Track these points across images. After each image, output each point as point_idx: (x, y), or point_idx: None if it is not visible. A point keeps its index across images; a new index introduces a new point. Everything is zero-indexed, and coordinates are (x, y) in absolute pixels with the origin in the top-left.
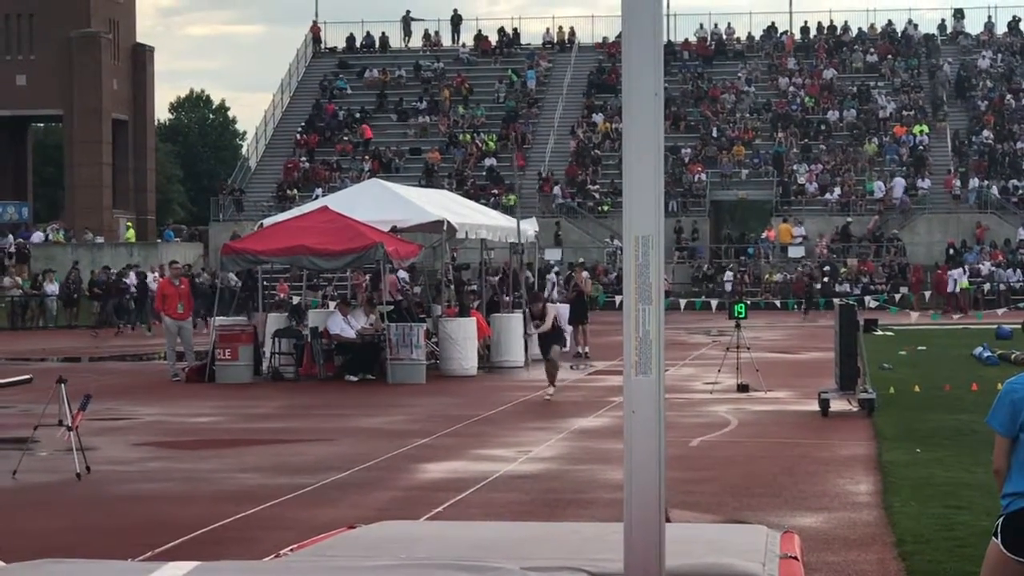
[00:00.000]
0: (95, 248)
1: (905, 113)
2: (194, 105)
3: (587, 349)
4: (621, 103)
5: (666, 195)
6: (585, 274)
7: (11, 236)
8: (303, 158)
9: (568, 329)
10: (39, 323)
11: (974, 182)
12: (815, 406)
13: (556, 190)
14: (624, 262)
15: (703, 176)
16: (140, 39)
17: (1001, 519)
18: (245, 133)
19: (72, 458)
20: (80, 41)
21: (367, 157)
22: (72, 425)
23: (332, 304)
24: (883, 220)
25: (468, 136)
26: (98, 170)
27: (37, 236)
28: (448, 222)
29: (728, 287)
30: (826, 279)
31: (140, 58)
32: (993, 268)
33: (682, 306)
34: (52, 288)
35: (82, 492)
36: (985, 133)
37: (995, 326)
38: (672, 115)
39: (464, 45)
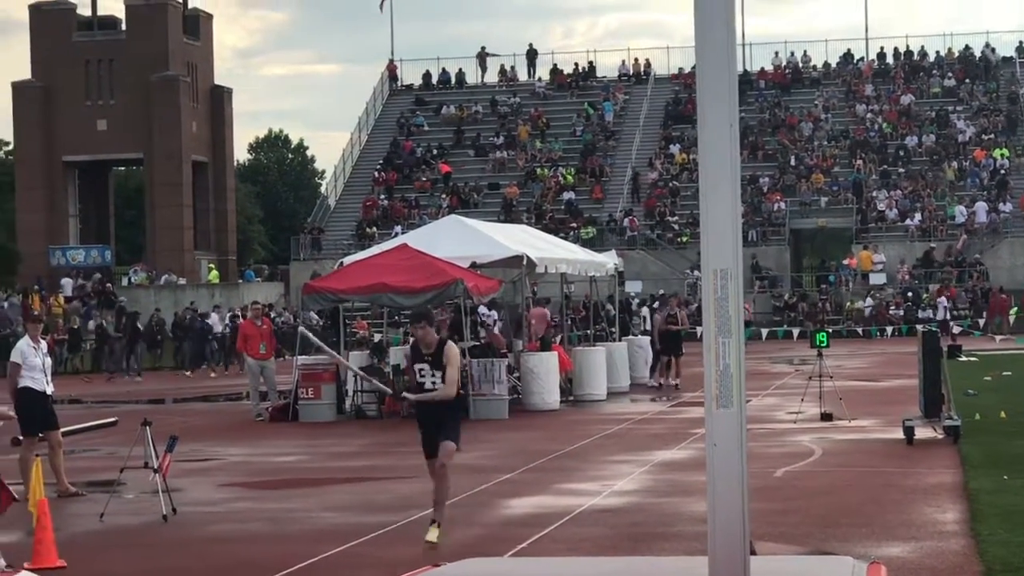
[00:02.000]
0: (177, 290)
1: (985, 137)
2: (273, 145)
3: (677, 381)
4: (697, 134)
5: (745, 224)
6: (682, 309)
7: (94, 279)
8: (382, 196)
9: (652, 360)
10: (122, 365)
11: None
12: (900, 434)
13: (629, 222)
14: (703, 295)
15: (782, 205)
16: (218, 81)
17: None
18: (324, 172)
19: (158, 500)
20: (159, 85)
21: (445, 193)
22: (159, 468)
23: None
24: (967, 244)
25: (546, 170)
26: (179, 212)
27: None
28: (527, 257)
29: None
30: (909, 305)
31: (219, 100)
32: None
33: (763, 335)
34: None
35: (169, 534)
36: None
37: None
38: (750, 144)
39: (540, 79)
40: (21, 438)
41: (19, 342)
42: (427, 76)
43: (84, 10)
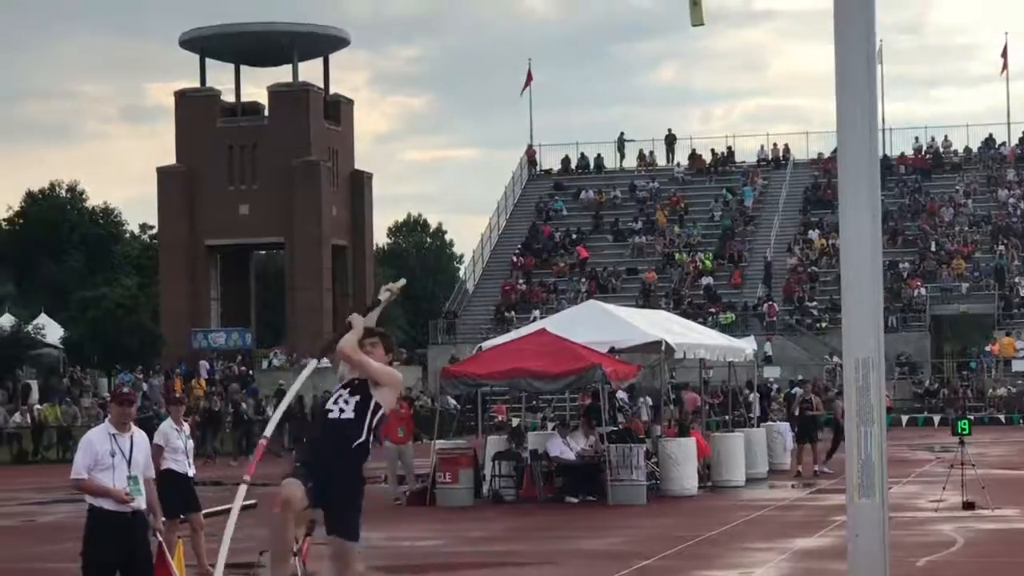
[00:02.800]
0: (316, 373)
1: None
2: (412, 229)
3: (816, 467)
4: (838, 219)
5: (885, 310)
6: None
7: (235, 361)
8: (520, 280)
9: (791, 447)
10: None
11: None
12: None
13: (768, 307)
14: (845, 385)
15: (922, 291)
16: (358, 166)
17: None
18: (463, 256)
19: None
20: (301, 170)
21: (584, 278)
22: (298, 551)
23: (551, 426)
24: None
25: (684, 255)
26: (318, 296)
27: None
28: (666, 342)
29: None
30: None
31: (359, 184)
32: None
33: (904, 422)
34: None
35: None
36: None
37: None
38: (890, 229)
39: (679, 164)
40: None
41: (162, 424)
42: (566, 161)
43: (228, 96)
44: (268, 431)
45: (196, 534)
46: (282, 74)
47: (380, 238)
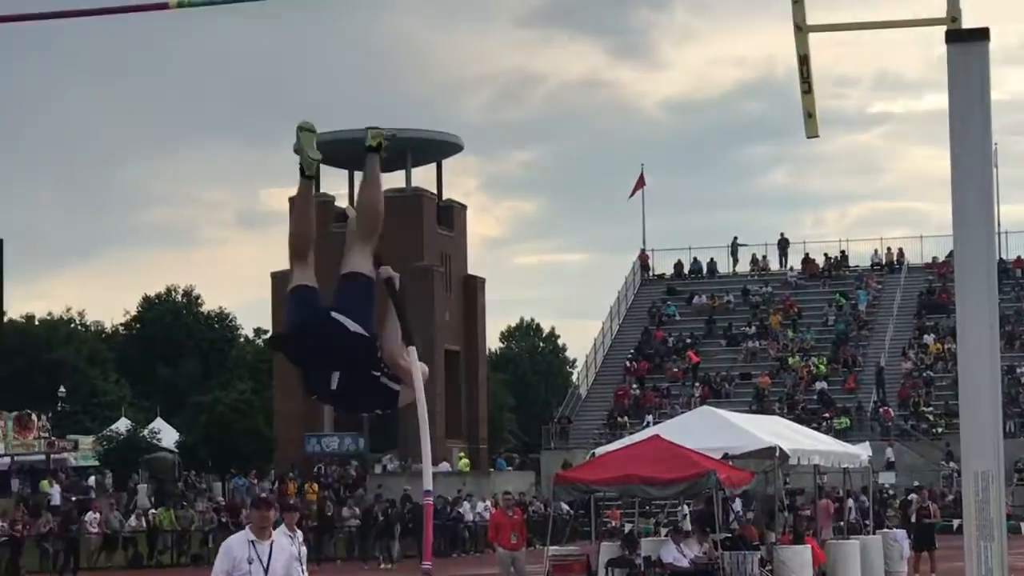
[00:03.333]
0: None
1: None
2: (524, 333)
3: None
4: (952, 324)
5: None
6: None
7: (349, 466)
8: (633, 385)
9: (908, 554)
10: (375, 551)
11: None
12: None
13: (883, 412)
14: (963, 497)
15: None
16: (471, 270)
17: None
18: (575, 361)
19: None
20: (414, 275)
21: (697, 383)
22: None
23: (664, 532)
24: None
25: (798, 359)
26: (431, 400)
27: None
28: (780, 448)
29: None
30: None
31: (472, 289)
32: None
33: (1023, 530)
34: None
35: None
36: None
37: None
38: (1006, 334)
39: (792, 269)
40: None
41: (275, 531)
42: (679, 265)
43: (342, 202)
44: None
45: None
46: (395, 179)
47: (492, 342)
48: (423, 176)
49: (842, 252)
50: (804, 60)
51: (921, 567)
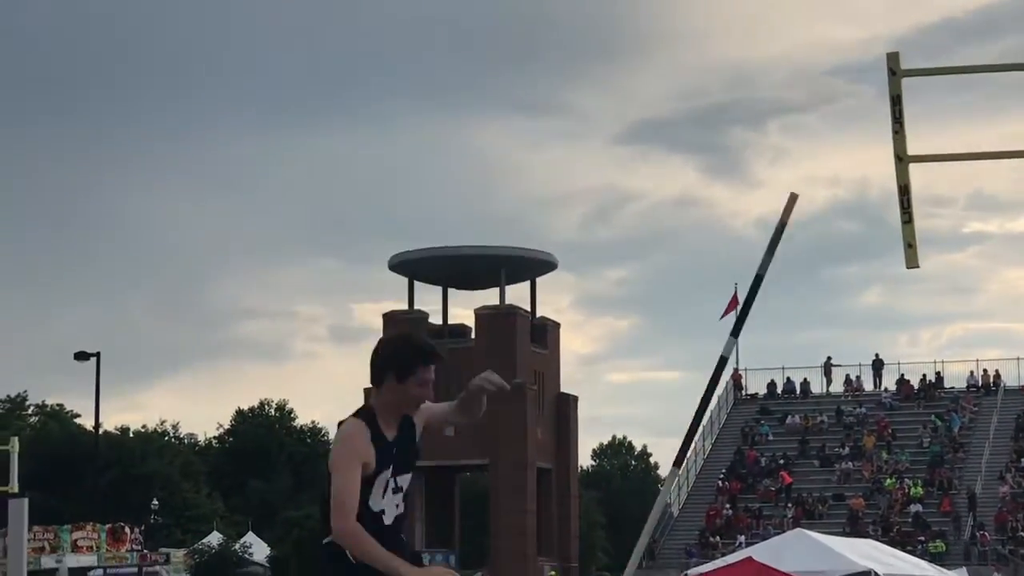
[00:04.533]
0: None
1: None
2: (616, 451)
3: None
4: None
5: None
6: None
7: None
8: (726, 505)
9: None
10: None
11: None
12: None
13: (980, 537)
14: None
15: None
16: (564, 388)
17: None
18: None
19: None
20: (507, 393)
21: (790, 503)
22: None
23: None
24: None
25: (892, 481)
26: (522, 518)
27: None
28: (875, 572)
29: None
30: None
31: (564, 407)
32: None
33: None
34: None
35: None
36: None
37: None
38: None
39: (886, 389)
40: None
41: None
42: (771, 385)
43: (435, 318)
44: None
45: None
46: (489, 296)
47: (584, 459)
48: (517, 294)
49: (937, 373)
50: (904, 190)
51: None
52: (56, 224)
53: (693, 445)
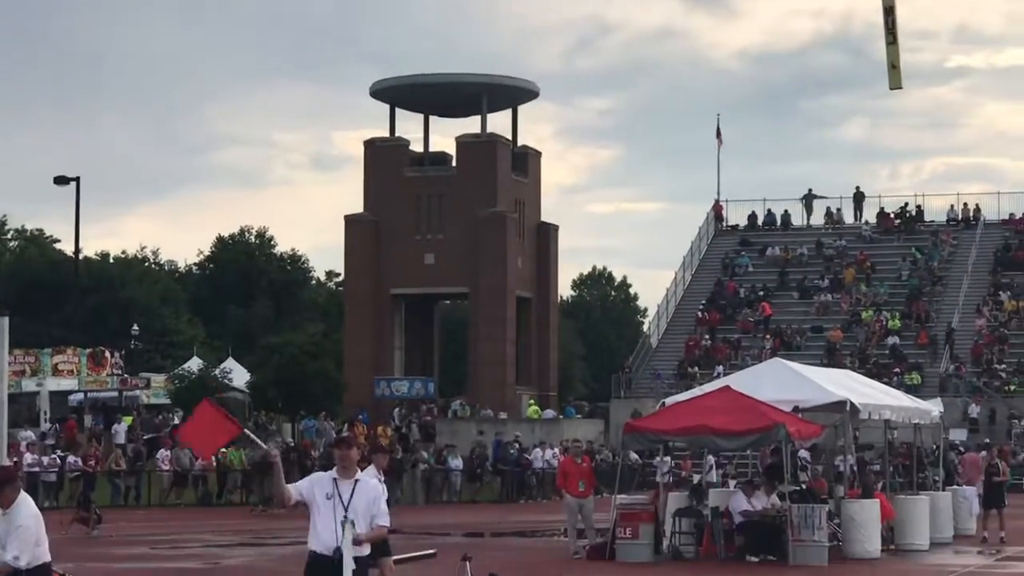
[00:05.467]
0: (498, 423)
1: None
2: (596, 282)
3: (1003, 534)
4: None
5: None
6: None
7: (420, 412)
8: (705, 335)
9: (977, 512)
10: (443, 497)
11: None
12: None
13: (955, 369)
14: None
15: None
16: (544, 217)
17: None
18: (646, 310)
19: None
20: (487, 221)
21: (768, 335)
22: None
23: (732, 483)
24: None
25: (870, 314)
26: (502, 347)
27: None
28: (851, 402)
29: None
30: None
31: (544, 237)
32: None
33: None
34: (456, 463)
35: None
36: None
37: None
38: None
39: (867, 223)
40: None
41: (363, 472)
42: (752, 217)
43: (416, 146)
44: None
45: None
46: (470, 125)
47: (564, 290)
48: (498, 122)
49: (918, 207)
50: (890, 11)
51: (990, 525)
52: (34, 48)
53: (673, 276)
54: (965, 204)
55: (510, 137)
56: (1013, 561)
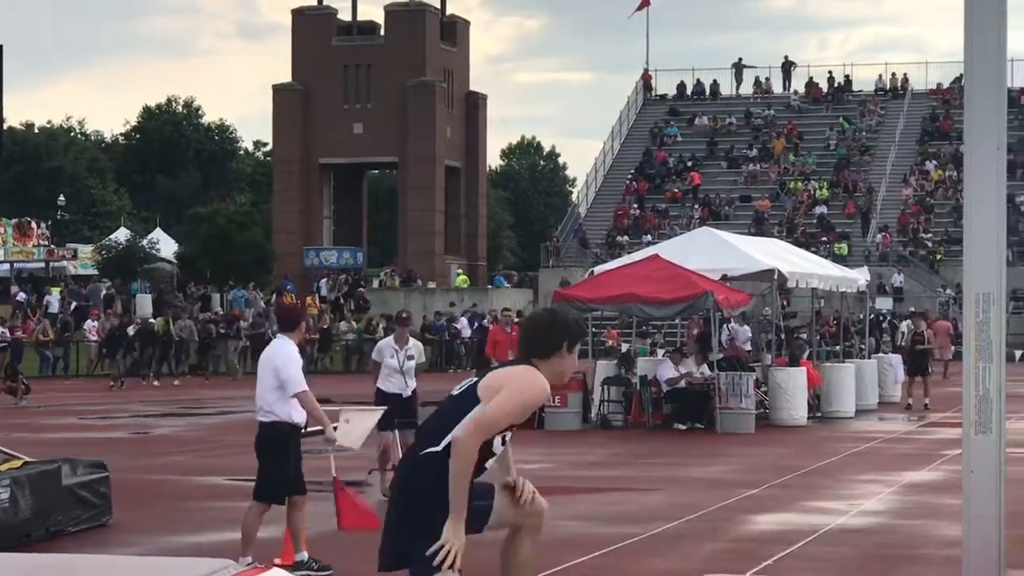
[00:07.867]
0: (427, 293)
1: None
2: (525, 151)
3: (927, 400)
4: (955, 151)
5: None
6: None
7: (347, 280)
8: (633, 205)
9: (902, 379)
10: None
11: None
12: None
13: (882, 238)
14: (964, 319)
15: None
16: (472, 87)
17: None
18: (575, 179)
19: None
20: (416, 90)
21: (696, 204)
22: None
23: (661, 352)
24: None
25: (798, 184)
26: (431, 216)
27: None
28: (779, 271)
29: None
30: None
31: (473, 106)
32: None
33: (1017, 357)
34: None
35: None
36: None
37: None
38: (1009, 163)
39: (795, 92)
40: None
41: (382, 341)
42: (681, 86)
43: (344, 15)
44: None
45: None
46: None
47: (493, 160)
48: None
49: (846, 76)
50: None
51: (914, 392)
52: None
53: (602, 145)
54: (893, 74)
55: (438, 6)
56: (936, 427)
